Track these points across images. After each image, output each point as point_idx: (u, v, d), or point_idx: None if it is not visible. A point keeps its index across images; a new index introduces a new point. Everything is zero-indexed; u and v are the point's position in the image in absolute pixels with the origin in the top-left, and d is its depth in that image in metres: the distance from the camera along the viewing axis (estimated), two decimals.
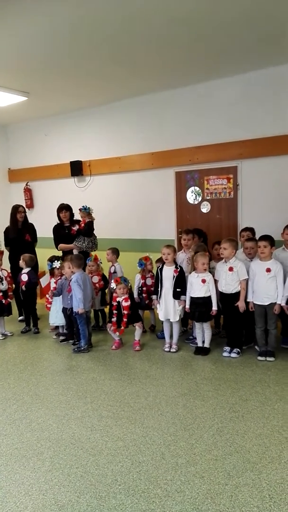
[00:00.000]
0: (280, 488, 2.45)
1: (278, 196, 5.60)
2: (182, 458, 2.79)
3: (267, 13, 4.01)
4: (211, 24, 4.20)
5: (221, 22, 4.17)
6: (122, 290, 4.87)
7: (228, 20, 4.11)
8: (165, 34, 4.41)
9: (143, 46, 4.66)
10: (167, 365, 4.44)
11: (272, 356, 4.45)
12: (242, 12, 3.96)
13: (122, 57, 4.98)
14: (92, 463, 2.80)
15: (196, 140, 6.14)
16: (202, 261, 4.58)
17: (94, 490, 2.52)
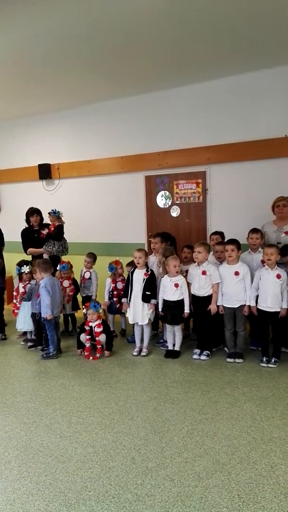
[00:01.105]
0: (249, 488, 2.48)
1: (245, 200, 5.72)
2: (152, 461, 2.79)
3: (231, 24, 4.10)
4: (177, 32, 4.26)
5: (187, 31, 4.25)
6: (91, 316, 4.81)
7: (194, 29, 4.19)
8: (132, 41, 4.45)
9: (111, 51, 4.69)
10: (137, 369, 4.43)
11: (241, 357, 4.52)
12: (207, 22, 4.04)
13: (91, 62, 4.99)
14: (61, 470, 2.75)
15: (165, 145, 6.20)
16: (174, 263, 4.61)
17: (63, 498, 2.48)
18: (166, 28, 4.19)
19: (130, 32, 4.25)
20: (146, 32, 4.26)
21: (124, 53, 4.78)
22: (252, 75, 5.51)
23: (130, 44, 4.54)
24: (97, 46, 4.56)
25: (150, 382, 4.07)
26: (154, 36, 4.37)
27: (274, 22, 4.13)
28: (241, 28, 4.23)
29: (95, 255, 5.75)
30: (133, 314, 4.80)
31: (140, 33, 4.26)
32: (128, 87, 6.02)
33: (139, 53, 4.77)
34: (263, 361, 4.37)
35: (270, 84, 5.42)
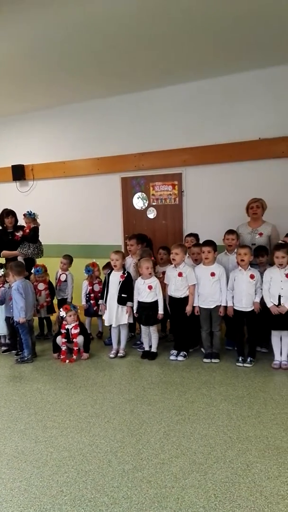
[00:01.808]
0: (225, 487, 2.49)
1: (220, 202, 5.78)
2: (129, 464, 2.77)
3: (210, 27, 4.14)
4: (156, 32, 4.27)
5: (164, 34, 4.26)
6: (73, 317, 4.77)
7: (174, 29, 4.20)
8: (110, 43, 4.44)
9: (88, 52, 4.66)
10: (114, 372, 4.40)
11: (217, 358, 4.56)
12: (185, 24, 4.07)
13: (67, 63, 4.95)
14: (37, 475, 2.70)
15: (141, 146, 6.20)
16: (146, 265, 4.61)
17: (38, 503, 2.44)
18: (144, 30, 4.19)
19: (108, 34, 4.23)
20: (125, 34, 4.26)
21: (101, 55, 4.76)
22: (228, 78, 5.57)
23: (108, 46, 4.52)
24: (74, 47, 4.52)
25: (127, 384, 4.05)
26: (132, 38, 4.37)
27: (252, 27, 4.18)
28: (219, 32, 4.27)
29: (71, 257, 5.70)
30: (109, 316, 4.78)
31: (118, 34, 4.26)
32: (104, 88, 6.00)
33: (116, 54, 4.76)
34: (239, 360, 4.41)
35: (245, 87, 5.50)
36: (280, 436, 3.01)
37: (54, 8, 3.67)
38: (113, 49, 4.64)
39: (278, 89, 5.32)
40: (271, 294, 4.21)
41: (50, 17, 3.84)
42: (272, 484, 2.50)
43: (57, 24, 3.99)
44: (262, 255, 4.59)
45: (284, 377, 4.06)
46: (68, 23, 3.98)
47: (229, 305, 4.47)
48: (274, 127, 5.35)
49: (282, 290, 4.14)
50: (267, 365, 4.34)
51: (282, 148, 5.32)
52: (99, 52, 4.69)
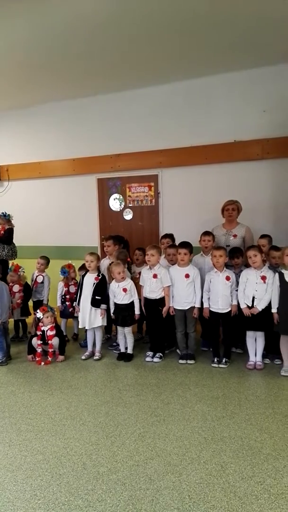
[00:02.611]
0: (199, 488, 2.50)
1: (196, 204, 5.83)
2: (103, 466, 2.75)
3: (183, 28, 4.18)
4: (131, 35, 4.28)
5: (141, 33, 4.28)
6: (49, 319, 4.71)
7: (148, 31, 4.22)
8: (84, 43, 4.43)
9: (64, 52, 4.63)
10: (90, 374, 4.38)
11: (193, 359, 4.58)
12: (158, 25, 4.09)
13: (42, 62, 4.90)
14: (10, 479, 2.66)
15: (117, 148, 6.20)
16: (117, 270, 4.60)
17: (11, 508, 2.39)
18: (119, 30, 4.20)
19: (84, 35, 4.23)
20: (98, 34, 4.25)
21: (78, 55, 4.74)
22: (204, 81, 5.63)
23: (84, 47, 4.52)
24: (50, 47, 4.49)
25: (102, 386, 4.03)
26: (107, 38, 4.36)
27: (226, 29, 4.24)
28: (192, 33, 4.31)
29: (48, 258, 5.64)
30: (82, 318, 4.74)
31: (91, 34, 4.25)
32: (80, 89, 5.98)
33: (91, 54, 4.75)
34: (214, 361, 4.45)
35: (221, 89, 5.57)
36: (254, 436, 3.05)
37: (23, 7, 3.62)
38: (89, 50, 4.63)
39: (252, 92, 5.41)
40: (246, 295, 4.27)
41: (20, 16, 3.80)
42: (246, 484, 2.52)
43: (32, 24, 3.96)
44: (238, 256, 4.65)
45: (258, 378, 4.12)
46: (44, 23, 3.95)
47: (205, 306, 4.50)
48: (248, 129, 5.44)
49: (257, 292, 4.20)
50: (242, 365, 4.39)
51: (256, 150, 5.40)
52: (76, 53, 4.67)
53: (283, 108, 5.14)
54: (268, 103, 5.34)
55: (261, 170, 5.47)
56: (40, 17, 3.85)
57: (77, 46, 4.52)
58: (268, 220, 5.37)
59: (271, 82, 5.30)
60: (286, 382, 3.97)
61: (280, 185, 5.33)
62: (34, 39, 4.29)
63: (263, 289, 4.19)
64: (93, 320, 4.72)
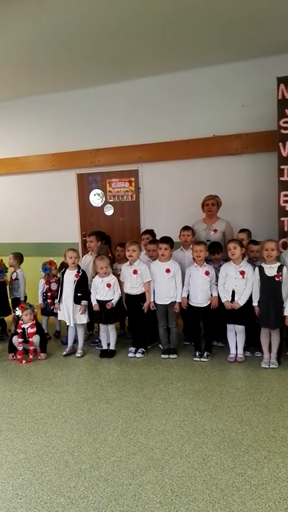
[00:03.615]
0: (181, 481, 2.52)
1: (177, 199, 5.82)
2: (86, 463, 2.75)
3: (163, 22, 4.15)
4: (111, 27, 4.24)
5: (121, 27, 4.24)
6: (29, 316, 4.66)
7: (129, 25, 4.19)
8: (64, 37, 4.37)
9: (43, 45, 4.56)
10: (72, 371, 4.35)
11: (175, 353, 4.60)
12: (139, 18, 4.06)
13: (21, 56, 4.82)
14: None
15: (97, 142, 6.14)
16: (101, 265, 4.58)
17: None
18: (99, 24, 4.15)
19: (63, 29, 4.17)
20: (80, 29, 4.20)
21: (56, 49, 4.67)
22: (183, 75, 5.61)
23: (63, 40, 4.45)
24: (28, 41, 4.42)
25: (84, 383, 4.02)
26: (87, 33, 4.31)
27: (205, 23, 4.23)
28: (171, 27, 4.29)
29: (20, 254, 5.56)
30: (64, 316, 4.70)
31: (71, 28, 4.19)
32: (59, 82, 5.89)
33: (71, 49, 4.69)
34: (196, 355, 4.47)
35: (200, 84, 5.56)
36: (235, 429, 3.08)
37: None
38: (68, 44, 4.56)
39: (231, 87, 5.42)
40: (226, 289, 4.30)
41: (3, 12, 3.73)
42: (227, 476, 2.55)
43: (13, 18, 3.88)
44: (218, 252, 4.67)
45: (239, 370, 4.16)
46: (25, 18, 3.89)
47: (184, 295, 4.51)
48: (227, 124, 5.45)
49: (236, 287, 4.24)
50: (223, 359, 4.43)
51: (235, 145, 5.43)
52: (54, 46, 4.60)
53: (261, 103, 5.16)
54: (247, 97, 5.35)
55: (240, 165, 5.49)
56: (16, 12, 3.77)
57: (57, 40, 4.45)
58: (248, 214, 5.40)
59: (249, 77, 5.31)
60: (266, 374, 4.03)
61: (259, 180, 5.37)
62: (14, 33, 4.21)
63: (242, 284, 4.22)
64: (76, 317, 4.68)
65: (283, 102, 4.61)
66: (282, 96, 4.61)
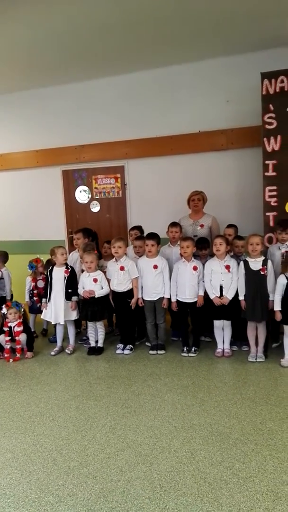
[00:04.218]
0: (170, 476, 2.53)
1: (163, 195, 5.81)
2: (74, 461, 2.74)
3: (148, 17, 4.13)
4: (96, 23, 4.21)
5: (107, 23, 4.21)
6: (13, 315, 4.62)
7: (115, 20, 4.16)
8: (50, 31, 4.32)
9: (25, 42, 4.51)
10: (60, 369, 4.33)
11: (163, 349, 4.61)
12: (124, 13, 4.03)
13: (2, 51, 4.75)
14: None
15: (82, 138, 6.09)
16: (86, 259, 4.56)
17: None
18: (83, 20, 4.11)
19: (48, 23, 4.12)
20: (65, 24, 4.15)
21: (41, 44, 4.61)
22: (167, 70, 5.59)
23: (47, 35, 4.40)
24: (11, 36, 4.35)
25: (72, 381, 4.00)
26: (72, 28, 4.27)
27: (190, 19, 4.22)
28: (156, 23, 4.27)
29: (5, 252, 5.50)
30: (55, 314, 4.66)
31: (58, 24, 4.14)
32: (43, 78, 5.82)
33: (55, 43, 4.63)
34: (184, 351, 4.49)
35: (185, 79, 5.55)
36: (223, 422, 3.10)
37: None
38: (53, 39, 4.51)
39: (216, 82, 5.41)
40: (213, 285, 4.31)
41: None
42: (216, 470, 2.57)
43: None
44: (205, 247, 4.68)
45: (226, 365, 4.19)
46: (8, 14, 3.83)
47: (173, 300, 4.52)
48: (213, 120, 5.45)
49: (223, 282, 4.26)
50: (210, 353, 4.46)
51: (221, 141, 5.44)
52: (38, 41, 4.55)
53: (246, 98, 5.16)
54: (232, 93, 5.36)
55: (226, 160, 5.50)
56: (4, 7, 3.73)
57: (41, 36, 4.40)
58: (234, 209, 5.42)
59: (234, 72, 5.31)
60: (253, 367, 4.06)
61: (244, 175, 5.39)
62: None
63: (229, 278, 4.25)
64: (67, 314, 4.65)
65: (267, 98, 4.62)
66: (266, 91, 4.62)
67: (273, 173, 4.67)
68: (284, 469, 2.53)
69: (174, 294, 4.52)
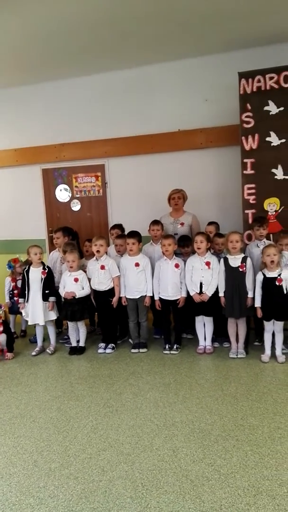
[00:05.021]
0: (152, 475, 2.52)
1: (144, 193, 5.81)
2: (55, 462, 2.71)
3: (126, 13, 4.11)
4: (73, 22, 4.17)
5: (84, 21, 4.18)
6: None
7: (92, 19, 4.14)
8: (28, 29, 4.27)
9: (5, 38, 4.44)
10: (40, 370, 4.29)
11: (145, 347, 4.61)
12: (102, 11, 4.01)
13: None
14: None
15: (62, 137, 6.04)
16: (68, 258, 4.53)
17: None
18: (59, 18, 4.07)
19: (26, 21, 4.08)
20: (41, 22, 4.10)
21: (19, 42, 4.55)
22: (147, 69, 5.59)
23: (25, 34, 4.35)
24: None
25: (53, 381, 3.96)
26: (50, 26, 4.22)
27: (168, 18, 4.22)
28: (134, 22, 4.26)
29: None
30: (32, 315, 4.61)
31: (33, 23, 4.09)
32: (23, 76, 5.74)
33: (34, 42, 4.58)
34: (166, 348, 4.50)
35: (164, 78, 5.55)
36: (205, 419, 3.11)
37: None
38: (31, 38, 4.47)
39: (195, 81, 5.44)
40: (193, 282, 4.33)
41: None
42: (197, 467, 2.57)
43: None
44: (187, 245, 4.69)
45: (208, 361, 4.21)
46: None
47: (156, 298, 4.53)
48: (192, 119, 5.47)
49: (203, 278, 4.28)
50: (192, 350, 4.48)
51: (200, 139, 5.46)
52: (16, 39, 4.49)
53: (224, 97, 5.19)
54: (210, 92, 5.39)
55: (205, 159, 5.53)
56: None
57: (20, 34, 4.34)
58: (214, 207, 5.45)
59: (212, 72, 5.34)
60: (234, 363, 4.10)
61: (224, 173, 5.42)
62: None
63: (209, 275, 4.27)
64: (46, 314, 4.60)
65: (245, 97, 4.66)
66: (244, 91, 4.66)
67: (251, 171, 4.72)
68: (265, 464, 2.55)
69: (156, 292, 4.52)
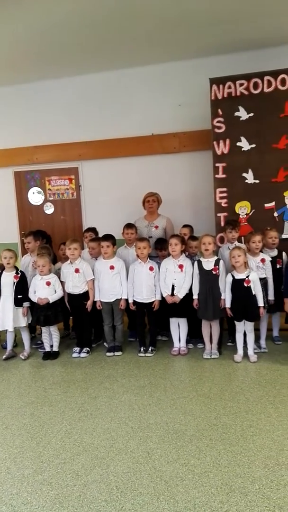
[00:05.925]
0: (126, 477, 2.52)
1: (118, 196, 5.83)
2: (29, 468, 2.67)
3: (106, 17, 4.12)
4: (49, 24, 4.17)
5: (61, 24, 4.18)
6: None
7: (68, 22, 4.14)
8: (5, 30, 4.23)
9: None
10: (13, 375, 4.22)
11: (120, 350, 4.60)
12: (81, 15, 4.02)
13: None
14: None
15: (35, 139, 5.99)
16: (38, 263, 4.48)
17: None
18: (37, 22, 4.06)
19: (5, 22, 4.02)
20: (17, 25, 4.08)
21: None
22: (121, 73, 5.62)
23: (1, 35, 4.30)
24: None
25: (26, 387, 3.91)
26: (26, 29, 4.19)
27: (142, 22, 4.28)
28: (109, 25, 4.29)
29: None
30: (2, 320, 4.53)
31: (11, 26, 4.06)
32: None
33: (10, 44, 4.54)
34: (141, 351, 4.50)
35: (138, 82, 5.60)
36: (179, 420, 3.13)
37: None
38: (8, 40, 4.42)
39: (168, 86, 5.50)
40: (166, 284, 4.36)
41: None
42: (172, 467, 2.59)
43: None
44: (165, 248, 4.71)
45: (182, 362, 4.24)
46: None
47: (130, 301, 4.53)
48: (165, 123, 5.53)
49: (175, 281, 4.31)
50: (167, 352, 4.50)
51: (173, 143, 5.52)
52: None
53: (197, 103, 5.26)
54: (183, 97, 5.46)
55: (178, 163, 5.59)
56: None
57: None
58: (187, 211, 5.52)
59: (185, 77, 5.42)
60: (208, 364, 4.14)
61: (196, 177, 5.49)
62: None
63: (181, 277, 4.31)
64: (16, 320, 4.54)
65: (216, 103, 4.75)
66: (215, 96, 4.75)
67: (223, 175, 4.80)
68: (238, 462, 2.59)
69: (131, 295, 4.52)
